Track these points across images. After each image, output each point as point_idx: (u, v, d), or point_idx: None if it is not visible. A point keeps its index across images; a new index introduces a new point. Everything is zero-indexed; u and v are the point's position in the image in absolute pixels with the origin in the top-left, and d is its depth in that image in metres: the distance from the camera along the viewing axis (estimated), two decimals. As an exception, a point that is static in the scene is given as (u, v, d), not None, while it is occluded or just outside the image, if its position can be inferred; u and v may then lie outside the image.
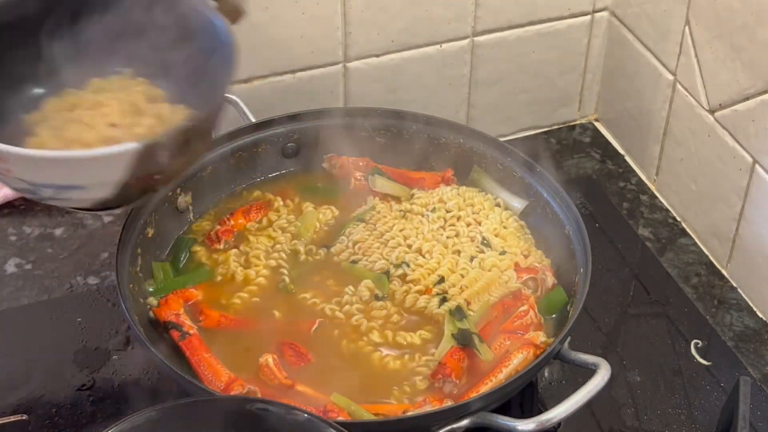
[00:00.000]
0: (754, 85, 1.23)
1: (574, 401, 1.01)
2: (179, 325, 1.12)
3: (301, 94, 1.38)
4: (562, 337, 1.08)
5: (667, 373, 1.22)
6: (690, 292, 1.32)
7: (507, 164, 1.28)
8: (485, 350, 1.10)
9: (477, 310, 1.14)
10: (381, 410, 1.06)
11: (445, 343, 1.12)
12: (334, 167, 1.31)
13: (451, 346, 1.11)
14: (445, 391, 1.08)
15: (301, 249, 1.23)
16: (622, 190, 1.47)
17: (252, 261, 1.21)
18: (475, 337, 1.11)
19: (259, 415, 0.91)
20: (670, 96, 1.40)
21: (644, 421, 1.17)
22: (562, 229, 1.21)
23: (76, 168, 0.98)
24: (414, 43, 1.39)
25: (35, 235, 1.35)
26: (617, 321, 1.28)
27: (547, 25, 1.46)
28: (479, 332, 1.12)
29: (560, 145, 1.55)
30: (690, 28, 1.33)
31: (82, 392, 1.17)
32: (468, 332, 1.11)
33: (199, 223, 1.26)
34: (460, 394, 1.08)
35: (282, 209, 1.28)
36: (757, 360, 1.24)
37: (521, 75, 1.49)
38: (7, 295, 1.28)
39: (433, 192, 1.28)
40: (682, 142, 1.39)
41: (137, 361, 1.20)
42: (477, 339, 1.11)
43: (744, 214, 1.29)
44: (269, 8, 1.29)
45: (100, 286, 1.29)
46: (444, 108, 1.46)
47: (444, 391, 1.08)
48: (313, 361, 1.11)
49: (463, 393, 1.08)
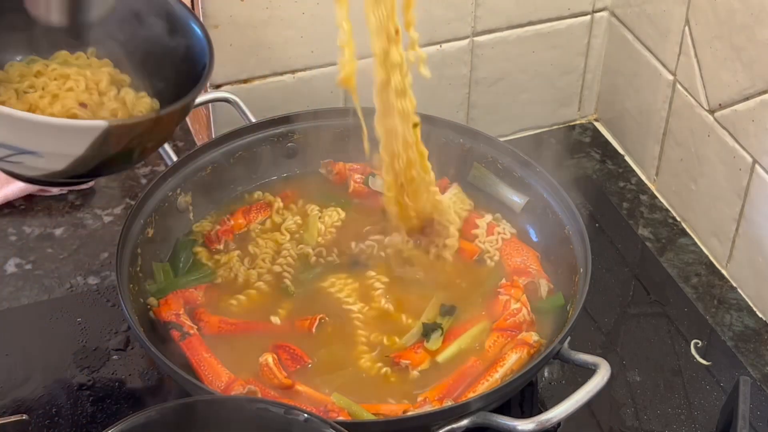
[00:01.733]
0: (754, 85, 1.23)
1: (573, 401, 1.01)
2: (179, 325, 1.12)
3: (301, 94, 1.38)
4: (562, 337, 1.08)
5: (667, 372, 1.22)
6: (690, 292, 1.32)
7: (507, 164, 1.28)
8: (435, 341, 1.12)
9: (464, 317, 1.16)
10: (381, 410, 1.06)
11: (416, 329, 1.14)
12: (330, 173, 1.31)
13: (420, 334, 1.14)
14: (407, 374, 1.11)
15: (310, 251, 1.23)
16: (622, 190, 1.47)
17: (258, 264, 1.22)
18: (438, 331, 1.13)
19: (259, 415, 0.91)
20: (670, 96, 1.40)
21: (644, 421, 1.17)
22: (562, 229, 1.21)
23: (41, 133, 0.98)
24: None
25: (35, 235, 1.35)
26: (617, 321, 1.28)
27: (547, 25, 1.46)
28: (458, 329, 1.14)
29: (560, 145, 1.55)
30: (690, 28, 1.33)
31: (82, 392, 1.17)
32: (435, 325, 1.14)
33: (199, 224, 1.26)
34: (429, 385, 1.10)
35: (284, 212, 1.28)
36: (757, 360, 1.24)
37: (521, 75, 1.49)
38: (7, 295, 1.28)
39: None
40: (682, 142, 1.39)
41: (137, 361, 1.20)
42: (439, 332, 1.13)
43: (744, 214, 1.29)
44: (269, 8, 1.29)
45: (100, 286, 1.29)
46: (444, 108, 1.46)
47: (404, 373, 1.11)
48: (311, 362, 1.11)
49: (458, 392, 1.08)
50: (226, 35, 1.29)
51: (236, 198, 1.30)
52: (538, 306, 1.17)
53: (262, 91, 1.36)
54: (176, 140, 1.50)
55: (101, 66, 1.15)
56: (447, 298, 1.18)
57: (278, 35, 1.32)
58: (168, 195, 1.23)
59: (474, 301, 1.19)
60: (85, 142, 0.98)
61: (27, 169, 1.04)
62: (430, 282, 1.21)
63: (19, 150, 1.00)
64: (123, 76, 1.15)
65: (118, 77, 1.15)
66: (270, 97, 1.36)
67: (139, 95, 1.13)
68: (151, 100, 1.13)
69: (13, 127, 0.98)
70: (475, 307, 1.18)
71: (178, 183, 1.24)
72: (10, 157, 1.01)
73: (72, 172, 1.03)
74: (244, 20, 1.29)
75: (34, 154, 1.01)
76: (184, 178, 1.24)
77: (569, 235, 1.19)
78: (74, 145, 0.99)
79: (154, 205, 1.20)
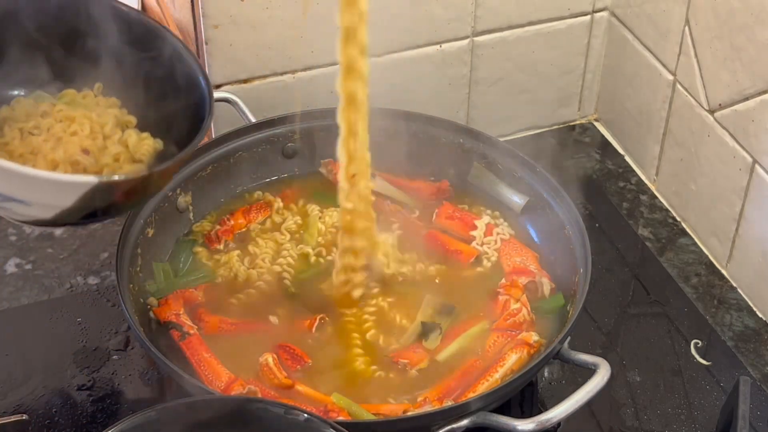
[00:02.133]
0: (754, 85, 1.23)
1: (574, 401, 1.01)
2: (179, 325, 1.12)
3: (301, 94, 1.38)
4: (562, 337, 1.08)
5: (667, 373, 1.22)
6: (690, 291, 1.32)
7: (507, 164, 1.28)
8: (434, 340, 1.13)
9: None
10: (381, 410, 1.06)
11: (415, 329, 1.15)
12: (330, 173, 1.31)
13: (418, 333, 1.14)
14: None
15: (310, 251, 1.23)
16: (622, 190, 1.47)
17: (258, 263, 1.22)
18: (437, 330, 1.13)
19: (259, 415, 0.91)
20: (670, 96, 1.40)
21: (644, 421, 1.17)
22: (562, 229, 1.21)
23: (30, 184, 0.97)
24: (414, 43, 1.39)
25: (35, 235, 1.35)
26: (617, 321, 1.28)
27: (547, 25, 1.46)
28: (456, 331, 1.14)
29: (560, 145, 1.55)
30: (690, 28, 1.33)
31: (82, 392, 1.17)
32: (434, 325, 1.14)
33: (199, 224, 1.26)
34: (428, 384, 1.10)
35: (285, 212, 1.28)
36: (757, 360, 1.24)
37: (521, 75, 1.49)
38: (7, 295, 1.28)
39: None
40: (682, 142, 1.39)
41: (137, 361, 1.20)
42: (438, 331, 1.13)
43: (744, 214, 1.29)
44: (269, 8, 1.29)
45: (100, 286, 1.29)
46: (444, 108, 1.46)
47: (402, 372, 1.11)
48: (311, 362, 1.11)
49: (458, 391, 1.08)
50: (226, 35, 1.29)
51: (236, 198, 1.30)
52: (537, 306, 1.18)
53: (262, 91, 1.35)
54: (176, 140, 1.50)
55: (108, 106, 1.14)
56: (445, 298, 1.18)
57: (278, 35, 1.32)
58: (168, 195, 1.23)
59: (473, 301, 1.19)
60: (74, 195, 0.97)
61: (14, 214, 1.03)
62: (427, 283, 1.21)
63: (6, 198, 0.99)
64: (129, 118, 1.14)
65: (124, 119, 1.14)
66: (270, 97, 1.36)
67: (141, 137, 1.11)
68: (154, 141, 1.12)
69: (1, 175, 0.96)
70: (474, 307, 1.18)
71: (178, 183, 1.24)
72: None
73: (60, 221, 1.01)
74: (244, 20, 1.29)
75: (22, 203, 1.00)
76: (184, 178, 1.24)
77: (569, 235, 1.19)
78: (63, 197, 0.98)
79: (154, 205, 1.20)
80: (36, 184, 0.97)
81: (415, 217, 1.28)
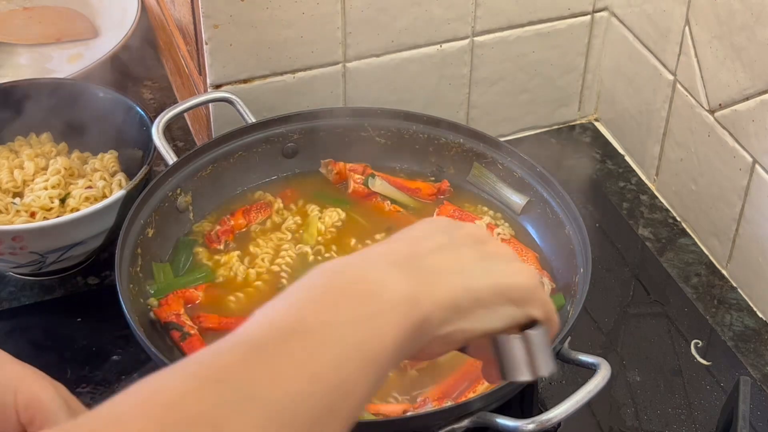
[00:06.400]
0: (754, 85, 1.23)
1: (574, 401, 1.01)
2: (180, 326, 1.12)
3: (301, 94, 1.38)
4: (562, 337, 1.08)
5: (667, 372, 1.22)
6: (690, 292, 1.32)
7: (507, 164, 1.28)
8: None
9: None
10: (381, 410, 1.06)
11: None
12: (330, 173, 1.31)
13: None
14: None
15: (309, 251, 1.23)
16: (622, 190, 1.47)
17: (257, 263, 1.22)
18: None
19: (259, 415, 0.90)
20: (670, 96, 1.40)
21: (644, 421, 1.17)
22: (562, 229, 1.21)
23: (80, 225, 1.20)
24: (414, 43, 1.39)
25: (35, 235, 1.35)
26: (617, 321, 1.28)
27: (547, 25, 1.46)
28: None
29: (560, 145, 1.55)
30: (690, 28, 1.33)
31: (82, 392, 1.17)
32: None
33: (199, 224, 1.26)
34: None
35: (284, 212, 1.28)
36: (757, 360, 1.24)
37: (521, 75, 1.49)
38: (7, 295, 1.28)
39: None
40: (682, 142, 1.39)
41: (137, 361, 1.20)
42: None
43: (744, 214, 1.29)
44: (269, 8, 1.29)
45: (100, 286, 1.29)
46: (444, 108, 1.46)
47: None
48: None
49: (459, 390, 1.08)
50: (226, 35, 1.29)
51: (236, 198, 1.30)
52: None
53: (262, 91, 1.36)
54: (176, 140, 1.50)
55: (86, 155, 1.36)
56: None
57: (278, 35, 1.32)
58: (168, 195, 1.22)
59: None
60: (113, 213, 1.21)
61: (72, 260, 1.24)
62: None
63: (69, 247, 1.20)
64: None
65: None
66: (270, 97, 1.36)
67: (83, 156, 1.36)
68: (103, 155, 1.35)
69: (58, 233, 1.18)
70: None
71: (178, 183, 1.24)
72: (60, 257, 1.22)
73: (107, 242, 1.24)
74: (244, 20, 1.29)
75: (80, 244, 1.21)
76: (184, 178, 1.24)
77: (569, 235, 1.19)
78: (107, 219, 1.21)
79: (154, 205, 1.20)
80: (83, 221, 1.19)
81: (416, 218, 1.28)
